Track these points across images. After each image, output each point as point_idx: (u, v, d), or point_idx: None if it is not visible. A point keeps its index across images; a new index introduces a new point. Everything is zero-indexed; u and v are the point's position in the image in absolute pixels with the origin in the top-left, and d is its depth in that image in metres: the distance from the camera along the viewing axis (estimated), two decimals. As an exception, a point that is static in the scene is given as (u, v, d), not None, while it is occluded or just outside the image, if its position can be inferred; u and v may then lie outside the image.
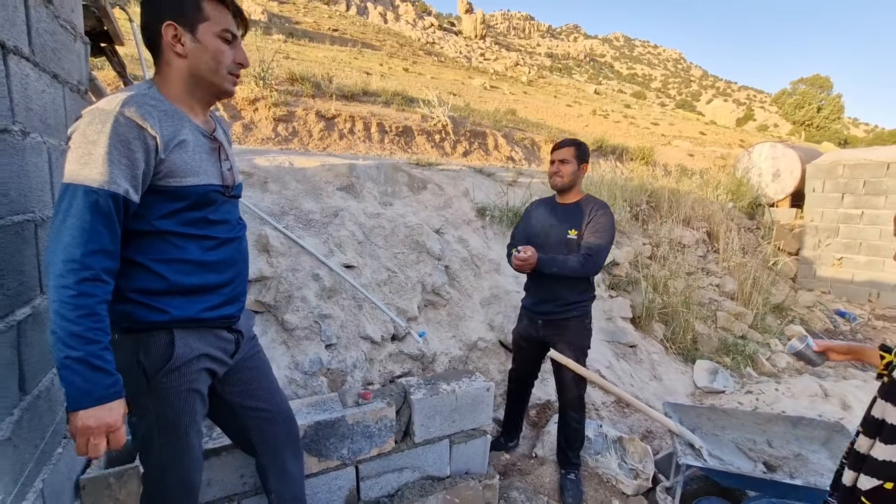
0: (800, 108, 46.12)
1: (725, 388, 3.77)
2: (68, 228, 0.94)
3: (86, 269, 0.94)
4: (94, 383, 0.95)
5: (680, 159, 15.68)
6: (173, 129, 1.07)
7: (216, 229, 1.19)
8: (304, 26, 29.47)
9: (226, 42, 1.16)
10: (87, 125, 0.98)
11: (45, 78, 1.41)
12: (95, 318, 0.95)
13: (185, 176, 1.10)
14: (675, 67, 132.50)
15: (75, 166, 0.97)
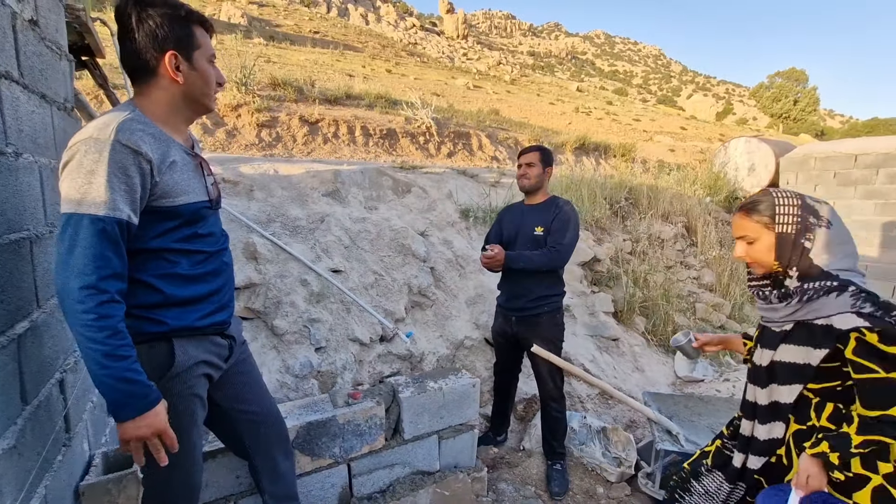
0: (777, 102, 47.14)
1: (705, 377, 3.91)
2: (79, 257, 0.97)
3: (103, 293, 0.99)
4: (134, 395, 1.02)
5: (661, 155, 15.97)
6: (163, 151, 1.12)
7: (204, 243, 1.25)
8: (284, 29, 29.27)
9: (212, 65, 1.23)
10: (84, 155, 1.00)
11: (34, 99, 1.45)
12: (120, 335, 1.02)
13: (178, 195, 1.15)
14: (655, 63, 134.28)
15: (76, 196, 0.99)
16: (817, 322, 1.21)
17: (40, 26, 1.55)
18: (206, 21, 1.23)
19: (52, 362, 1.40)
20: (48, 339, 1.38)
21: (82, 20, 2.26)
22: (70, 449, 1.48)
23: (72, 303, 0.98)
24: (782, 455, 1.36)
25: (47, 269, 1.43)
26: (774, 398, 1.31)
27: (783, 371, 1.27)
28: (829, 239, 1.23)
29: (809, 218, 1.23)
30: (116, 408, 1.03)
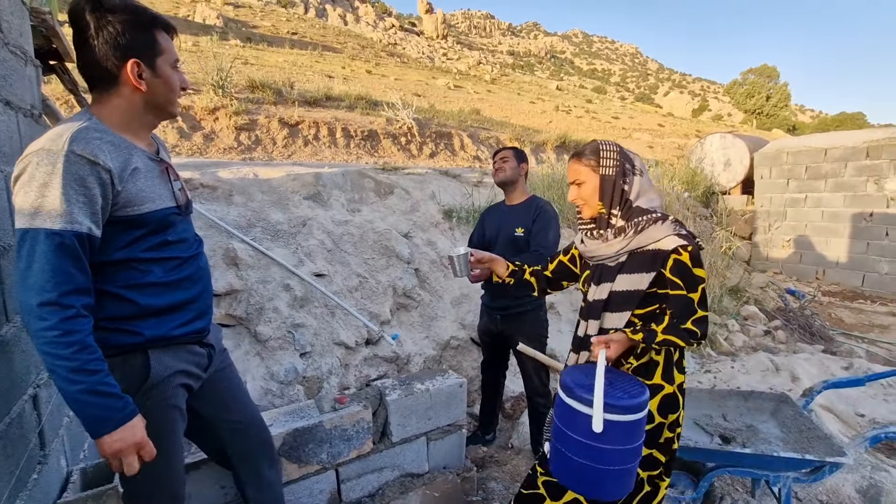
0: (750, 98, 48.32)
1: (687, 369, 3.99)
2: (37, 273, 0.93)
3: (67, 309, 0.96)
4: (109, 409, 0.99)
5: (641, 151, 16.22)
6: (123, 159, 1.07)
7: (176, 249, 1.21)
8: (261, 30, 28.87)
9: (175, 70, 1.18)
10: (36, 167, 0.95)
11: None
12: (89, 349, 0.98)
13: (142, 203, 1.10)
14: (632, 62, 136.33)
15: (30, 210, 0.94)
16: (648, 248, 1.35)
17: (2, 30, 1.50)
18: (169, 25, 1.18)
19: (23, 378, 1.36)
20: (18, 354, 1.34)
21: (49, 24, 2.19)
22: (46, 466, 1.43)
23: (33, 320, 0.94)
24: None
25: (14, 282, 1.38)
26: (605, 326, 1.44)
27: (618, 299, 1.40)
28: (641, 185, 1.41)
29: (626, 164, 1.40)
30: (91, 424, 1.00)
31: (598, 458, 1.20)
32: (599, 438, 1.18)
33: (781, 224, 7.53)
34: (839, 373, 3.68)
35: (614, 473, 1.22)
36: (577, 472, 1.23)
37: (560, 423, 1.28)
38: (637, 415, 1.21)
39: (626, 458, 1.22)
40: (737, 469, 2.21)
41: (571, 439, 1.23)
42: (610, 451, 1.19)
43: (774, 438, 2.42)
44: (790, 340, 4.94)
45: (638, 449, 1.24)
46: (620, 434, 1.19)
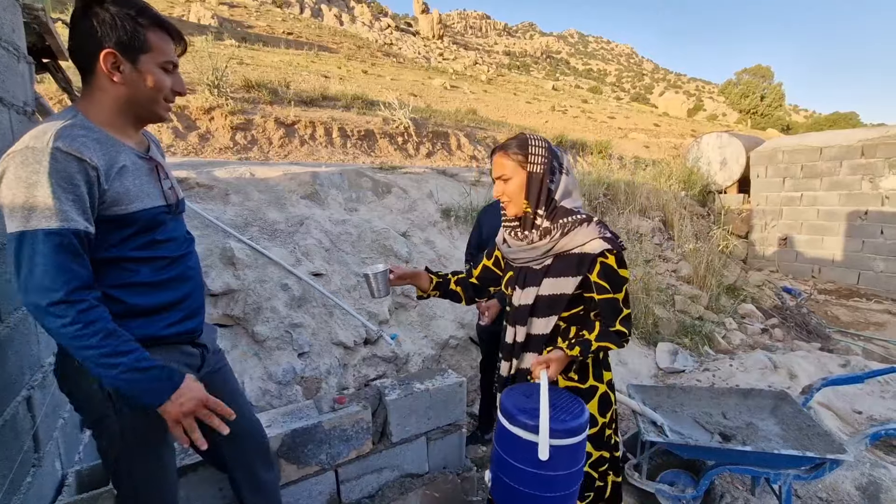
0: (745, 98, 48.55)
1: (685, 368, 3.99)
2: (40, 275, 0.92)
3: (80, 303, 0.95)
4: (156, 380, 1.02)
5: (636, 151, 16.26)
6: (110, 156, 1.05)
7: (165, 248, 1.18)
8: (257, 30, 28.77)
9: (166, 72, 1.14)
10: (20, 167, 0.92)
11: (-10, 102, 1.38)
12: (115, 334, 0.99)
13: (131, 202, 1.08)
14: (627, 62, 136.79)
15: (22, 212, 0.91)
16: (574, 251, 1.33)
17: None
18: (167, 24, 1.15)
19: (16, 379, 1.33)
20: (12, 356, 1.31)
21: (42, 20, 2.16)
22: (40, 469, 1.41)
23: (51, 321, 0.93)
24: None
25: (9, 281, 1.36)
26: (533, 331, 1.42)
27: (545, 303, 1.38)
28: (567, 184, 1.38)
29: (554, 162, 1.37)
30: (146, 397, 1.02)
31: (545, 486, 1.16)
32: (545, 466, 1.14)
33: (777, 222, 7.56)
34: (836, 370, 3.69)
35: (560, 499, 1.18)
36: (523, 501, 1.18)
37: (502, 450, 1.23)
38: (582, 435, 1.20)
39: (572, 481, 1.19)
40: (737, 467, 2.21)
41: (515, 468, 1.18)
42: (556, 477, 1.16)
43: (774, 436, 2.42)
44: (787, 338, 4.95)
45: (581, 469, 1.23)
46: (566, 458, 1.17)
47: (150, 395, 1.02)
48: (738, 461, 2.19)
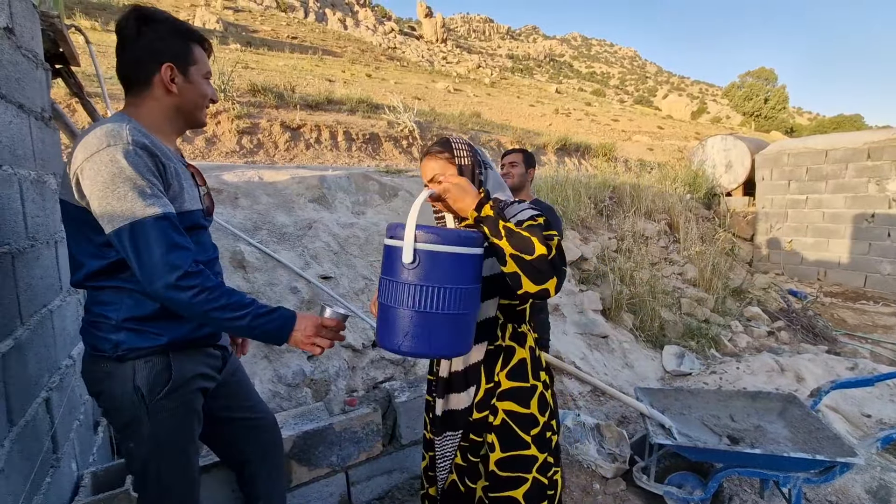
0: (748, 100, 48.45)
1: (692, 371, 3.98)
2: (159, 257, 0.99)
3: (198, 274, 1.04)
4: (276, 319, 1.12)
5: (640, 154, 16.26)
6: (166, 157, 1.11)
7: (199, 252, 1.22)
8: (261, 35, 28.94)
9: (206, 82, 1.25)
10: (108, 165, 0.98)
11: (11, 109, 1.41)
12: (231, 290, 1.09)
13: (184, 202, 1.14)
14: (631, 65, 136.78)
15: (124, 206, 0.98)
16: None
17: (16, 34, 1.50)
18: (206, 41, 1.26)
19: (36, 381, 1.35)
20: (32, 357, 1.33)
21: (57, 27, 2.19)
22: (58, 470, 1.43)
23: (179, 295, 1.00)
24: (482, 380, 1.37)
25: (30, 284, 1.38)
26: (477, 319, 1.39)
27: (487, 285, 1.33)
28: (495, 178, 1.42)
29: (478, 157, 1.41)
30: (274, 337, 1.12)
31: (422, 301, 1.07)
32: (421, 276, 1.07)
33: (782, 225, 7.54)
34: (844, 373, 3.68)
35: (441, 319, 1.08)
36: (401, 324, 1.09)
37: (383, 275, 1.16)
38: (456, 247, 1.10)
39: (453, 300, 1.08)
40: (746, 469, 2.21)
41: (392, 286, 1.10)
42: (431, 289, 1.07)
43: (783, 439, 2.42)
44: (794, 341, 4.94)
45: (468, 293, 1.12)
46: (443, 266, 1.08)
47: (276, 334, 1.12)
48: (746, 463, 2.19)
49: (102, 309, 1.10)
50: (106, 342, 1.09)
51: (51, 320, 1.53)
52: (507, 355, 1.36)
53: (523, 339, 1.39)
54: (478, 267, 1.17)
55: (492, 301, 1.36)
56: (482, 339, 1.37)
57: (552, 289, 1.13)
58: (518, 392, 1.34)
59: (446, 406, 1.41)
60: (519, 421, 1.33)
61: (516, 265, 1.13)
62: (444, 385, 1.42)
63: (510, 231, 1.15)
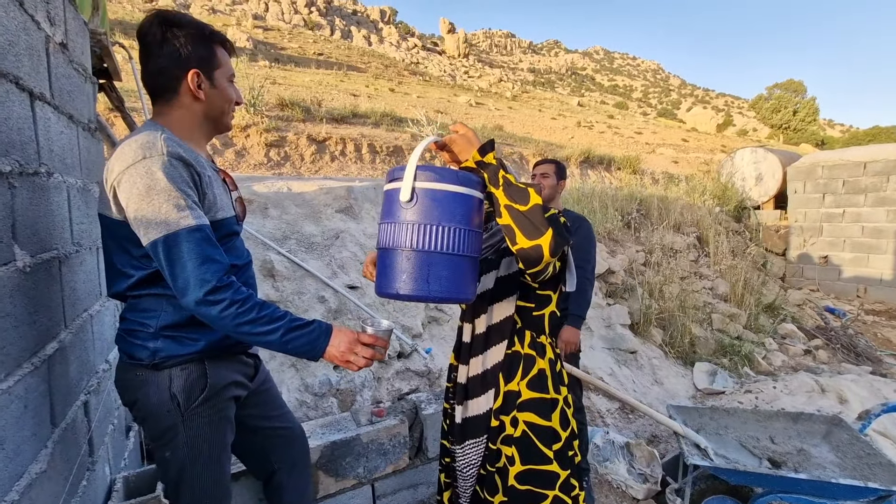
0: (776, 112, 47.35)
1: (725, 389, 3.83)
2: (192, 269, 0.99)
3: (230, 285, 1.02)
4: (310, 333, 1.08)
5: (665, 166, 16.01)
6: (200, 165, 1.12)
7: (234, 257, 1.23)
8: (289, 52, 29.83)
9: (231, 84, 1.24)
10: (145, 177, 0.99)
11: (63, 120, 1.47)
12: (264, 304, 1.06)
13: (217, 210, 1.14)
14: (654, 78, 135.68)
15: (160, 217, 0.98)
16: None
17: (69, 49, 1.57)
18: (228, 42, 1.24)
19: (77, 384, 1.38)
20: (74, 360, 1.36)
21: (104, 44, 2.29)
22: (93, 473, 1.45)
23: (208, 309, 0.99)
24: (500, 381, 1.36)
25: (74, 289, 1.42)
26: (495, 320, 1.38)
27: (503, 284, 1.36)
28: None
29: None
30: (308, 352, 1.08)
31: (420, 238, 1.06)
32: (420, 214, 1.07)
33: (817, 240, 7.27)
34: (893, 396, 3.48)
35: (439, 259, 1.07)
36: (400, 266, 1.09)
37: (381, 221, 1.16)
38: (454, 186, 1.09)
39: (451, 239, 1.08)
40: (790, 496, 2.10)
41: (390, 228, 1.10)
42: (429, 227, 1.06)
43: (829, 464, 2.29)
44: (833, 360, 4.72)
45: (467, 234, 1.11)
46: (441, 204, 1.07)
47: (309, 348, 1.07)
48: (790, 489, 2.07)
49: (141, 316, 1.12)
50: (143, 350, 1.10)
51: (91, 325, 1.56)
52: (526, 364, 1.35)
53: (543, 350, 1.37)
54: (476, 210, 1.16)
55: (509, 299, 1.37)
56: (500, 340, 1.37)
57: (546, 246, 1.09)
58: (539, 403, 1.32)
59: (465, 413, 1.40)
60: (540, 434, 1.30)
61: (510, 216, 1.13)
62: (463, 391, 1.41)
63: (508, 182, 1.15)
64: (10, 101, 1.11)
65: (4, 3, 1.11)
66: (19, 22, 1.19)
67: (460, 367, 1.44)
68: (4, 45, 1.10)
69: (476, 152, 1.19)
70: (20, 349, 1.03)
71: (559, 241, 1.13)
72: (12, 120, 1.11)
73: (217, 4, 42.24)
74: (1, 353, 0.94)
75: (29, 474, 1.00)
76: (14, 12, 1.17)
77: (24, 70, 1.20)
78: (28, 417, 1.03)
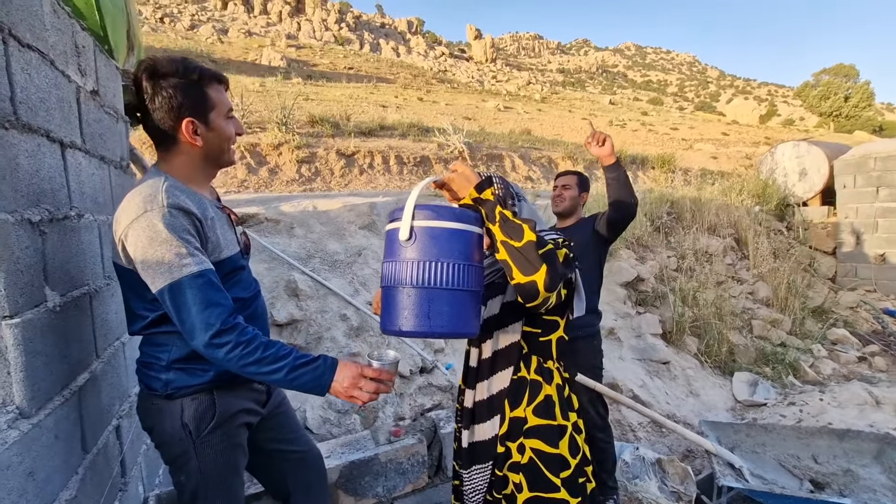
0: (825, 100, 44.76)
1: (767, 400, 3.64)
2: (196, 314, 1.04)
3: (234, 327, 1.06)
4: (315, 370, 1.10)
5: (704, 163, 15.42)
6: (202, 209, 1.16)
7: (241, 290, 1.28)
8: (321, 68, 30.78)
9: (229, 119, 1.25)
10: (147, 230, 1.04)
11: (94, 162, 1.58)
12: (269, 343, 1.09)
13: (221, 250, 1.19)
14: (690, 70, 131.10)
15: (164, 267, 1.04)
16: None
17: (101, 95, 1.69)
18: (220, 77, 1.25)
19: (109, 409, 1.48)
20: (106, 388, 1.46)
21: (137, 82, 2.44)
22: (126, 493, 1.54)
23: (214, 352, 1.04)
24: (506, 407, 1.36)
25: (105, 320, 1.52)
26: (501, 345, 1.37)
27: (508, 310, 1.36)
28: (530, 210, 1.43)
29: (510, 189, 1.40)
30: (313, 388, 1.11)
31: (420, 275, 1.09)
32: (419, 252, 1.10)
33: (871, 237, 6.79)
34: (958, 409, 3.20)
35: (439, 294, 1.10)
36: (402, 303, 1.11)
37: (384, 260, 1.19)
38: (451, 223, 1.12)
39: (450, 274, 1.10)
40: (833, 521, 1.97)
41: (392, 266, 1.13)
42: (428, 263, 1.09)
43: (881, 487, 2.13)
44: (892, 369, 4.39)
45: (466, 269, 1.13)
46: (439, 241, 1.11)
47: (314, 385, 1.10)
48: (834, 514, 1.95)
49: (154, 350, 1.19)
50: (157, 381, 1.17)
51: (123, 352, 1.67)
52: (533, 390, 1.34)
53: (550, 375, 1.36)
54: (474, 245, 1.18)
55: (515, 325, 1.37)
56: (506, 365, 1.37)
57: (541, 282, 1.11)
58: (545, 430, 1.31)
59: (472, 437, 1.40)
60: (547, 461, 1.29)
61: (506, 252, 1.15)
62: (469, 416, 1.42)
63: (504, 217, 1.17)
64: (40, 153, 1.21)
65: (36, 64, 1.22)
66: (50, 79, 1.29)
67: (467, 391, 1.45)
68: (36, 103, 1.20)
69: (473, 189, 1.22)
70: (51, 384, 1.12)
71: (554, 277, 1.13)
72: (43, 171, 1.21)
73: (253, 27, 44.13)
74: (31, 390, 1.03)
75: (59, 501, 1.08)
76: (45, 71, 1.28)
77: (55, 123, 1.31)
78: (59, 447, 1.11)
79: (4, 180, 1.03)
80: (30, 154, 1.15)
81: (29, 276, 1.08)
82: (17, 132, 1.10)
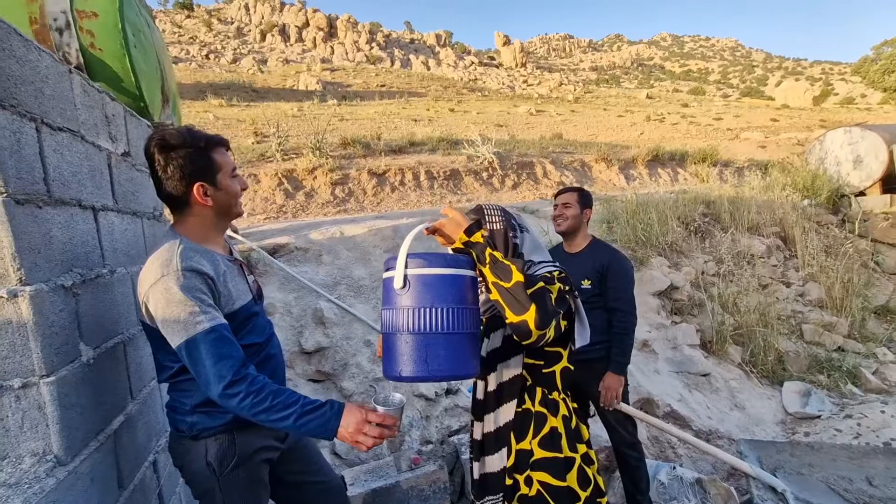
0: (889, 74, 41.35)
1: (821, 413, 3.40)
2: (210, 367, 1.13)
3: (245, 378, 1.15)
4: (322, 415, 1.17)
5: (751, 153, 14.65)
6: (215, 266, 1.26)
7: (255, 335, 1.38)
8: (354, 88, 31.77)
9: (234, 178, 1.37)
10: (165, 293, 1.15)
11: (126, 218, 1.74)
12: (279, 391, 1.16)
13: (235, 301, 1.29)
14: (733, 56, 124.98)
15: (180, 326, 1.15)
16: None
17: (132, 155, 1.86)
18: (223, 140, 1.37)
19: (145, 446, 1.61)
20: (142, 426, 1.59)
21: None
22: (160, 528, 1.66)
23: (228, 402, 1.14)
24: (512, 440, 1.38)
25: (139, 364, 1.66)
26: (505, 378, 1.39)
27: (510, 343, 1.37)
28: (532, 241, 1.47)
29: (511, 221, 1.45)
30: (321, 433, 1.17)
31: (415, 322, 1.14)
32: (414, 299, 1.15)
33: (944, 225, 6.22)
34: None
35: (435, 339, 1.14)
36: (400, 349, 1.16)
37: (382, 308, 1.24)
38: (443, 269, 1.17)
39: (445, 318, 1.14)
40: (888, 551, 1.82)
41: (389, 314, 1.18)
42: (423, 310, 1.14)
43: (941, 514, 1.96)
44: (970, 373, 3.99)
45: (460, 312, 1.17)
46: (432, 287, 1.15)
47: (322, 430, 1.16)
48: (887, 544, 1.81)
49: (179, 395, 1.30)
50: (183, 423, 1.28)
51: (158, 390, 1.81)
52: (538, 422, 1.35)
53: (555, 407, 1.37)
54: (468, 288, 1.22)
55: (517, 357, 1.39)
56: (511, 398, 1.39)
57: (531, 322, 1.15)
58: (552, 463, 1.32)
59: (482, 469, 1.43)
60: (555, 494, 1.29)
61: (497, 292, 1.20)
62: (479, 448, 1.45)
63: (494, 259, 1.22)
64: (73, 222, 1.36)
65: (67, 143, 1.37)
66: (81, 153, 1.45)
67: (475, 423, 1.48)
68: (68, 177, 1.35)
69: (462, 233, 1.27)
70: (86, 432, 1.24)
71: (544, 317, 1.16)
72: (76, 237, 1.36)
73: (290, 55, 46.21)
74: (68, 439, 1.15)
75: (95, 540, 1.19)
76: (77, 146, 1.43)
77: (87, 191, 1.46)
78: (94, 489, 1.23)
79: (39, 254, 1.17)
80: (63, 225, 1.29)
81: (63, 336, 1.21)
82: (50, 208, 1.24)
